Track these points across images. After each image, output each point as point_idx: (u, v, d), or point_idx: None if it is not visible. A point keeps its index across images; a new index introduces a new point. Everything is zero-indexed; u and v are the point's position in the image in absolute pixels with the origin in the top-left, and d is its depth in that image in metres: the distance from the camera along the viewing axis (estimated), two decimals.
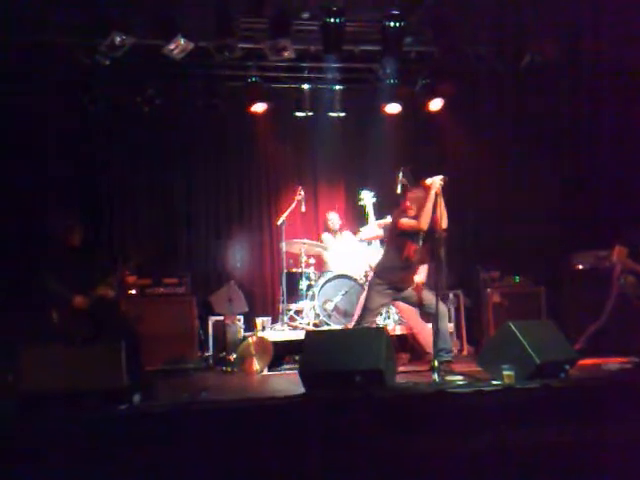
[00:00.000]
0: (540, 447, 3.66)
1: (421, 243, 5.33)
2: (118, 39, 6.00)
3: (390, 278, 5.21)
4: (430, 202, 4.96)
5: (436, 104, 7.43)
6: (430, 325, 5.26)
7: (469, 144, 7.41)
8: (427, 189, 5.01)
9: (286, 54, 6.43)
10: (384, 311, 6.69)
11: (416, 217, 5.09)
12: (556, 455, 3.66)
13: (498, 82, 7.28)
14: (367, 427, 3.60)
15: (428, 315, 5.19)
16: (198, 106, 7.17)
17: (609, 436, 3.71)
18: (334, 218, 7.16)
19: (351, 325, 5.93)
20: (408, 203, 5.19)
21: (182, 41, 6.16)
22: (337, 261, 6.91)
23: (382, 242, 6.42)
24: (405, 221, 5.16)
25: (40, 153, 6.76)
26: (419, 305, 5.28)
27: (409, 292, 5.29)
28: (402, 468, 3.50)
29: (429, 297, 5.15)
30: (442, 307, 5.10)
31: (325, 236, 7.18)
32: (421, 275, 6.49)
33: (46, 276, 4.93)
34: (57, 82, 6.57)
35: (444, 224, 5.02)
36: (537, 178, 7.51)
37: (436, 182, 4.98)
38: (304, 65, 7.26)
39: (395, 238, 5.32)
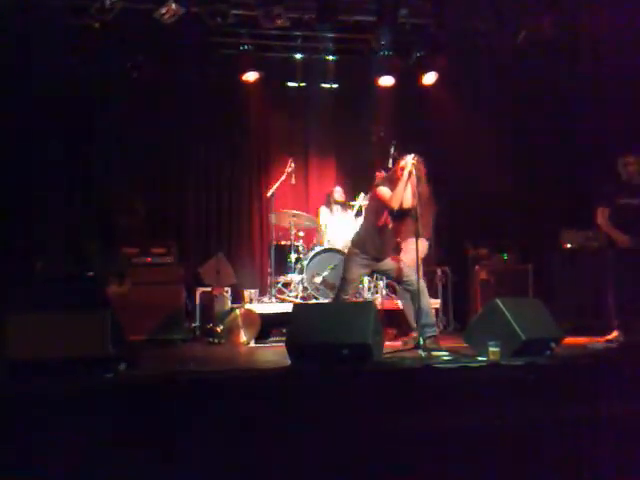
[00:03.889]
0: (524, 423, 3.69)
1: (408, 220, 5.29)
2: (108, 2, 5.86)
3: (367, 248, 5.11)
4: (402, 183, 4.91)
5: (430, 78, 7.37)
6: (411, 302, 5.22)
7: (462, 119, 7.35)
8: (402, 169, 4.96)
9: (279, 22, 6.30)
10: (372, 285, 6.70)
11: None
12: (538, 431, 3.70)
13: (494, 57, 7.19)
14: (353, 401, 3.60)
15: (408, 292, 5.16)
16: (189, 73, 7.05)
17: (593, 414, 3.75)
18: (339, 191, 7.11)
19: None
20: (399, 172, 5.06)
21: (173, 5, 6.02)
22: (334, 235, 6.87)
23: None
24: (383, 190, 5.06)
25: (27, 117, 6.63)
26: (398, 281, 5.22)
27: (389, 265, 5.19)
28: (387, 442, 3.52)
29: (410, 274, 5.12)
30: (422, 283, 5.06)
31: (323, 209, 7.13)
32: (410, 254, 6.44)
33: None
34: (47, 44, 6.41)
35: (415, 202, 4.92)
36: (530, 155, 7.48)
37: (409, 162, 4.94)
38: (297, 34, 7.15)
39: (372, 205, 5.25)
